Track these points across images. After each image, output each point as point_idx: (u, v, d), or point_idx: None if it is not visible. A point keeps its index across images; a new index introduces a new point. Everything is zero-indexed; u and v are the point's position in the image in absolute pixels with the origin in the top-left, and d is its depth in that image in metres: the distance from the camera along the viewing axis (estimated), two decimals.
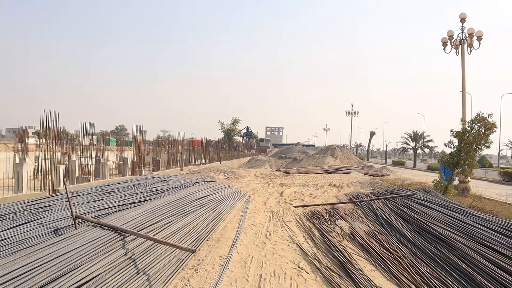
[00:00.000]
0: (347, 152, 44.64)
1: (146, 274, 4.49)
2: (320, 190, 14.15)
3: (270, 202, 11.08)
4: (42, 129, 15.15)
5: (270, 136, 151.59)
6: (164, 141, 31.46)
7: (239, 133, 79.67)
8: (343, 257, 5.89)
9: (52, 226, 5.56)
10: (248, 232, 7.44)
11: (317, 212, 9.28)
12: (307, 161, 37.06)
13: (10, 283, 3.46)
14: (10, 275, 3.57)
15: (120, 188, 9.17)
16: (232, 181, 16.45)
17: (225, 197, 9.84)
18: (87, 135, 20.76)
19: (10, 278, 3.53)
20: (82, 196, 7.83)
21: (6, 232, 5.16)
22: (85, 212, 6.36)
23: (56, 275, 3.74)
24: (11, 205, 6.64)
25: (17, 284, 3.46)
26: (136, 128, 20.46)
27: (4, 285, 3.42)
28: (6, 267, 3.71)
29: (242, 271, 5.32)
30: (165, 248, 5.19)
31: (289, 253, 6.19)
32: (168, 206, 7.09)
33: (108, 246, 4.67)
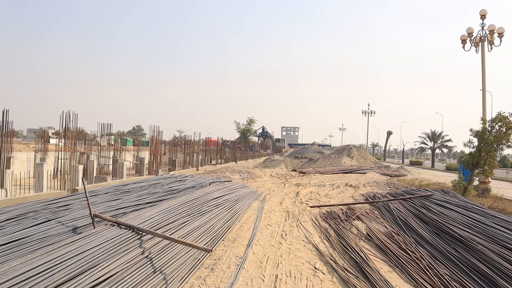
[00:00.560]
0: (364, 152, 44.23)
1: (163, 273, 4.53)
2: (336, 190, 14.05)
3: (286, 202, 11.05)
4: (61, 130, 15.46)
5: (286, 136, 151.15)
6: (180, 141, 31.73)
7: (255, 133, 79.85)
8: (360, 258, 5.84)
9: (71, 225, 5.67)
10: (264, 232, 7.43)
11: (333, 213, 9.22)
12: (323, 161, 36.87)
13: (32, 279, 3.55)
14: (31, 272, 3.65)
15: (137, 188, 9.28)
16: (248, 181, 16.47)
17: (240, 197, 9.86)
18: (104, 136, 21.11)
19: (32, 275, 3.62)
20: (100, 195, 7.96)
21: (28, 230, 5.29)
22: (103, 211, 6.46)
23: (75, 273, 3.80)
24: (32, 203, 6.80)
25: (38, 281, 3.54)
26: (152, 129, 20.70)
27: (26, 281, 3.50)
28: (28, 264, 3.80)
29: (258, 271, 5.32)
30: (182, 248, 5.23)
31: (305, 254, 6.17)
32: (184, 206, 7.14)
33: (126, 245, 4.73)
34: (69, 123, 14.92)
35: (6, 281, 3.44)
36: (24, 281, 3.50)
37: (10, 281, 3.45)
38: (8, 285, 3.39)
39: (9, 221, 5.71)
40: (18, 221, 5.75)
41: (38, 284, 3.48)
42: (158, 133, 20.95)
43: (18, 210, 6.26)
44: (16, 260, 4.00)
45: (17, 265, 3.79)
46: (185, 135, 33.84)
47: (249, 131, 76.18)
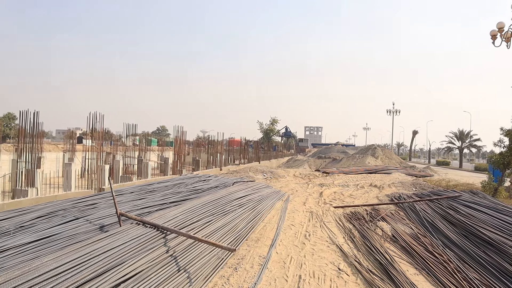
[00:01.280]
0: (388, 152, 43.42)
1: (187, 271, 4.58)
2: (361, 191, 13.87)
3: (310, 202, 10.99)
4: (88, 131, 15.85)
5: (309, 136, 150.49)
6: (204, 142, 31.98)
7: (278, 133, 79.64)
8: (385, 259, 5.74)
9: (98, 223, 5.80)
10: (287, 232, 7.41)
11: (357, 213, 9.10)
12: (347, 161, 36.45)
13: (62, 275, 3.66)
14: (61, 268, 3.77)
15: (162, 188, 9.42)
16: (271, 181, 16.46)
17: (264, 197, 9.86)
18: (130, 136, 21.48)
19: (61, 271, 3.73)
20: (126, 194, 8.11)
21: (57, 228, 5.45)
22: (129, 210, 6.58)
23: (102, 270, 3.90)
24: (61, 202, 7.00)
25: (68, 277, 3.64)
26: (176, 129, 20.94)
27: (56, 277, 3.61)
28: (58, 261, 3.92)
29: (281, 271, 5.31)
30: (205, 247, 5.27)
31: (329, 254, 6.12)
32: (208, 206, 7.20)
33: (151, 243, 4.81)
34: (95, 124, 15.27)
35: (37, 276, 3.56)
36: (54, 277, 3.61)
37: (41, 277, 3.57)
38: (40, 280, 3.51)
39: (40, 218, 5.90)
40: (48, 218, 5.93)
41: (67, 280, 3.59)
42: (182, 134, 21.18)
43: (48, 208, 6.46)
44: (47, 256, 4.13)
45: (48, 261, 3.92)
46: (208, 135, 34.18)
47: (272, 131, 76.06)
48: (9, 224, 5.48)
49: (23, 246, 4.73)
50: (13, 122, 46.85)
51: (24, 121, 13.32)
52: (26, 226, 5.53)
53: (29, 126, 13.41)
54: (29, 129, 13.49)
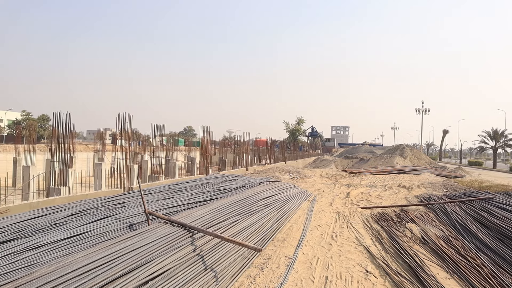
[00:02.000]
0: (417, 152, 42.40)
1: (213, 270, 4.61)
2: (389, 192, 13.61)
3: (336, 202, 10.87)
4: (117, 131, 16.22)
5: (336, 135, 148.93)
6: (230, 142, 32.17)
7: (304, 133, 79.28)
8: (414, 262, 5.61)
9: (127, 222, 5.93)
10: (314, 232, 7.36)
11: (385, 214, 8.94)
12: (374, 161, 35.84)
13: (93, 271, 3.77)
14: (92, 265, 3.88)
15: (189, 187, 9.53)
16: (297, 181, 16.38)
17: (290, 197, 9.83)
18: (157, 136, 21.85)
19: (93, 267, 3.84)
20: (154, 194, 8.25)
21: (88, 226, 5.61)
22: (157, 209, 6.69)
23: (131, 268, 3.98)
24: (92, 201, 7.20)
25: (99, 273, 3.75)
26: (203, 129, 21.13)
27: (88, 273, 3.72)
28: (89, 257, 4.03)
29: (308, 272, 5.27)
30: (232, 246, 5.30)
31: (356, 256, 6.03)
32: (234, 205, 7.24)
33: (178, 242, 4.88)
34: (124, 125, 15.61)
35: (70, 272, 3.68)
36: (86, 273, 3.72)
37: (74, 272, 3.68)
38: (72, 276, 3.63)
39: (72, 216, 6.09)
40: (80, 217, 6.11)
41: (98, 276, 3.69)
42: (208, 134, 21.36)
43: (79, 207, 6.66)
44: (79, 253, 4.26)
45: (80, 257, 4.04)
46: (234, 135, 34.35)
47: (298, 131, 75.77)
48: (44, 222, 5.68)
49: (56, 242, 4.89)
50: (47, 123, 48.54)
51: (57, 122, 13.76)
52: (59, 223, 5.72)
53: (62, 127, 13.84)
54: (61, 130, 13.92)
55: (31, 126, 25.57)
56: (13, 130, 47.47)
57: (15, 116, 57.08)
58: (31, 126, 25.57)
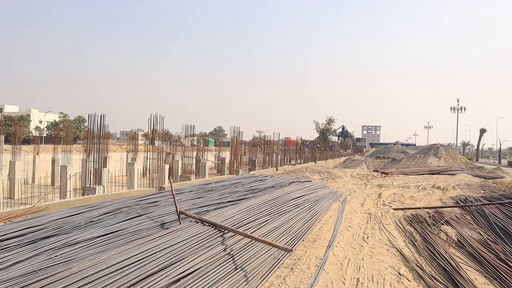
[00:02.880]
0: (452, 152, 41.07)
1: (244, 270, 4.63)
2: (422, 192, 13.24)
3: (368, 203, 10.68)
4: (149, 132, 16.59)
5: (367, 135, 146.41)
6: (260, 142, 32.23)
7: (334, 133, 78.46)
8: (450, 266, 5.43)
9: (159, 220, 6.05)
10: (345, 233, 7.26)
11: (419, 216, 8.70)
12: (407, 161, 35.01)
13: (126, 268, 3.87)
14: (126, 262, 3.99)
15: (219, 187, 9.61)
16: (328, 181, 16.21)
17: (320, 198, 9.74)
18: (188, 136, 22.18)
19: (126, 264, 3.95)
20: (185, 193, 8.37)
21: (122, 224, 5.76)
22: (188, 209, 6.79)
23: (163, 265, 4.06)
24: (125, 200, 7.39)
25: (132, 270, 3.85)
26: (233, 129, 21.29)
27: (122, 270, 3.83)
28: (123, 254, 4.15)
29: (339, 273, 5.21)
30: (262, 246, 5.30)
31: (388, 258, 5.91)
32: (264, 205, 7.24)
33: (209, 241, 4.93)
34: (156, 125, 15.94)
35: (105, 268, 3.80)
36: (120, 269, 3.83)
37: (109, 269, 3.80)
38: (107, 272, 3.74)
39: (107, 214, 6.27)
40: (114, 215, 6.29)
41: (132, 273, 3.79)
42: (238, 134, 21.51)
43: (114, 205, 6.84)
44: (113, 250, 4.40)
45: (114, 254, 4.16)
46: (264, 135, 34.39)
47: (328, 131, 75.01)
48: (80, 219, 5.88)
49: (92, 239, 5.05)
50: (82, 124, 50.21)
51: (92, 124, 14.22)
52: (95, 221, 5.90)
53: (96, 128, 14.30)
54: (96, 131, 14.37)
55: (68, 128, 26.55)
56: (51, 131, 49.38)
57: (54, 118, 59.39)
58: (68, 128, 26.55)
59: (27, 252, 4.61)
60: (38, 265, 4.16)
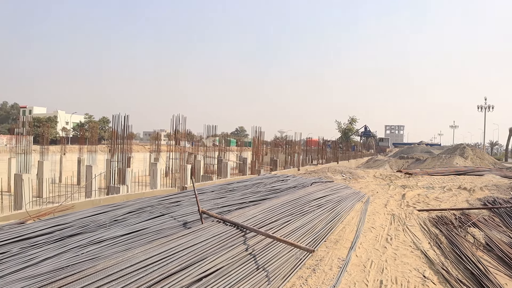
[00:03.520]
0: (480, 152, 39.96)
1: (265, 270, 4.63)
2: (448, 194, 12.94)
3: (391, 204, 10.51)
4: (172, 132, 16.79)
5: (390, 135, 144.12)
6: (281, 142, 32.17)
7: (357, 133, 77.59)
8: (477, 269, 5.27)
9: (182, 220, 6.11)
10: (368, 235, 7.16)
11: (444, 218, 8.50)
12: (431, 161, 34.27)
13: (150, 267, 3.93)
14: (149, 260, 4.05)
15: (241, 187, 9.63)
16: (350, 181, 16.04)
17: (343, 198, 9.64)
18: (210, 137, 22.34)
19: (150, 262, 4.01)
20: (207, 193, 8.43)
21: (145, 223, 5.84)
22: (210, 208, 6.83)
23: (185, 264, 4.10)
24: (148, 199, 7.49)
25: (155, 268, 3.90)
26: (254, 129, 21.31)
27: (145, 268, 3.89)
28: (146, 253, 4.21)
29: (361, 275, 5.14)
30: (284, 247, 5.29)
31: (413, 260, 5.79)
32: (286, 205, 7.22)
33: (231, 241, 4.95)
34: (178, 126, 16.12)
35: (129, 266, 3.87)
36: (143, 268, 3.89)
37: (132, 267, 3.86)
38: (131, 270, 3.80)
39: (130, 213, 6.38)
40: (137, 214, 6.38)
41: (155, 271, 3.84)
42: (260, 134, 21.52)
43: (137, 205, 6.95)
44: (137, 248, 4.46)
45: (138, 253, 4.22)
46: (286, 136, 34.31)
47: (350, 131, 74.20)
48: (105, 218, 5.99)
49: (117, 238, 5.14)
50: (107, 125, 51.29)
51: (116, 124, 14.49)
52: (119, 220, 6.01)
53: (120, 128, 14.56)
54: (120, 132, 14.64)
55: (93, 128, 27.18)
56: (77, 132, 50.64)
57: (79, 119, 60.90)
58: (93, 128, 27.18)
59: (54, 249, 4.73)
60: (65, 262, 4.26)
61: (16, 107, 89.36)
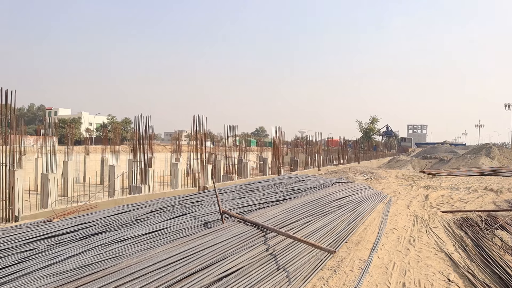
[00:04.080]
0: (507, 152, 38.80)
1: (286, 270, 4.61)
2: (473, 195, 12.61)
3: (414, 205, 10.32)
4: (192, 132, 16.94)
5: (412, 134, 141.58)
6: (302, 142, 32.07)
7: (378, 132, 76.58)
8: (506, 274, 5.10)
9: (202, 220, 6.15)
10: (390, 236, 7.05)
11: (469, 219, 8.29)
12: (456, 161, 33.52)
13: (171, 266, 3.97)
14: (170, 259, 4.10)
15: (261, 187, 9.63)
16: (372, 182, 15.84)
17: (364, 199, 9.53)
18: (230, 137, 22.45)
19: (171, 262, 4.06)
20: (227, 193, 8.46)
21: (167, 222, 5.91)
22: (230, 208, 6.86)
23: (206, 264, 4.12)
24: (170, 199, 7.58)
25: (176, 267, 3.94)
26: (274, 130, 21.29)
27: (167, 267, 3.94)
28: (168, 252, 4.26)
29: (383, 277, 5.06)
30: (304, 247, 5.26)
31: (436, 263, 5.66)
32: (306, 206, 7.18)
33: (251, 241, 4.95)
34: (199, 126, 16.26)
35: (151, 265, 3.92)
36: (165, 267, 3.93)
37: (154, 266, 3.91)
38: (153, 269, 3.86)
39: (152, 213, 6.46)
40: (159, 213, 6.46)
41: (176, 270, 3.88)
42: (280, 134, 21.49)
43: (159, 204, 7.04)
44: (158, 247, 4.52)
45: (159, 252, 4.28)
46: (306, 136, 34.17)
47: (372, 130, 73.22)
48: (128, 217, 6.10)
49: (139, 237, 5.22)
50: (129, 126, 52.19)
51: (138, 125, 14.73)
52: (141, 219, 6.09)
53: (142, 129, 14.79)
54: (142, 132, 14.87)
55: (115, 129, 27.67)
56: (100, 133, 51.71)
57: (102, 120, 62.17)
58: (115, 129, 27.67)
59: (79, 247, 4.83)
60: (89, 260, 4.35)
61: (43, 108, 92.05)
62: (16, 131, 12.35)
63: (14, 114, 9.52)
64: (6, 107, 8.57)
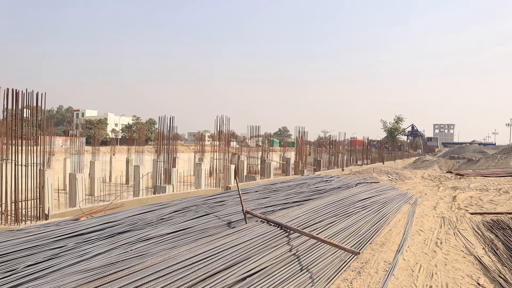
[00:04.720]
0: None
1: (309, 271, 4.58)
2: (504, 196, 12.21)
3: (441, 206, 10.07)
4: (216, 133, 17.05)
5: (439, 134, 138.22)
6: (325, 142, 31.82)
7: (403, 132, 75.05)
8: None
9: (226, 219, 6.18)
10: (415, 238, 6.90)
11: (500, 222, 8.02)
12: (485, 162, 32.53)
13: (195, 265, 4.01)
14: (194, 259, 4.13)
15: (284, 187, 9.61)
16: (397, 182, 15.56)
17: (389, 199, 9.37)
18: (253, 137, 22.47)
19: (195, 261, 4.10)
20: (250, 193, 8.48)
21: (191, 222, 5.97)
22: (253, 208, 6.87)
23: (230, 263, 4.14)
24: (193, 199, 7.65)
25: (200, 267, 3.98)
26: (297, 129, 21.19)
27: (190, 266, 3.98)
28: (192, 251, 4.30)
29: (409, 279, 4.96)
30: (328, 248, 5.21)
31: (465, 266, 5.51)
32: (330, 206, 7.12)
33: (274, 241, 4.94)
34: (222, 127, 16.35)
35: (175, 264, 3.97)
36: (188, 266, 3.98)
37: (178, 264, 3.96)
38: (177, 268, 3.90)
39: (176, 212, 6.54)
40: (183, 213, 6.54)
41: (200, 269, 3.91)
42: (303, 134, 21.39)
43: (183, 204, 7.12)
44: (182, 247, 4.57)
45: (183, 251, 4.32)
46: (329, 135, 33.83)
47: (397, 130, 71.84)
48: (152, 216, 6.19)
49: (163, 236, 5.29)
50: (153, 126, 52.97)
51: (162, 126, 14.92)
52: (166, 219, 6.18)
53: (166, 130, 14.98)
54: (166, 133, 15.07)
55: (140, 130, 28.15)
56: (126, 134, 52.68)
57: (127, 121, 63.33)
58: (140, 130, 28.15)
59: (105, 245, 4.94)
60: (115, 258, 4.44)
61: (71, 110, 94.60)
62: (45, 132, 12.73)
63: (44, 115, 9.81)
64: (37, 109, 8.83)
